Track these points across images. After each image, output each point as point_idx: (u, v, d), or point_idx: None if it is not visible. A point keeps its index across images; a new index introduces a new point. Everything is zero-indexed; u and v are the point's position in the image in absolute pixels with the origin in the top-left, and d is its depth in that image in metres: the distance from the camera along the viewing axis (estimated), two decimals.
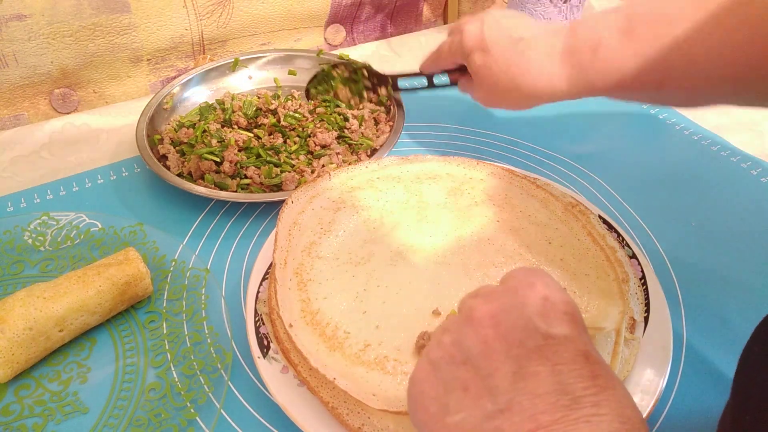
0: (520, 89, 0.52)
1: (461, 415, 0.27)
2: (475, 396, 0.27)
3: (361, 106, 0.74)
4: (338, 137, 0.69)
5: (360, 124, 0.70)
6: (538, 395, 0.25)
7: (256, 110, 0.70)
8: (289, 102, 0.71)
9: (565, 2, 0.84)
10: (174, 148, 0.68)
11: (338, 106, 0.73)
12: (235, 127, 0.69)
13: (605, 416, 0.25)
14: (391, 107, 0.73)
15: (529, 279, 0.30)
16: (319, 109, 0.72)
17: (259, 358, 0.46)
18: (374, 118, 0.73)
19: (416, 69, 0.70)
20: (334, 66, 0.73)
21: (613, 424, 0.25)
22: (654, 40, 0.45)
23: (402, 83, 0.72)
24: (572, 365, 0.26)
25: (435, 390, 0.28)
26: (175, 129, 0.70)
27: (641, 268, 0.52)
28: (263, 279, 0.51)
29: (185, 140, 0.68)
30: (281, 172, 0.64)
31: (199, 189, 0.60)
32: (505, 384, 0.26)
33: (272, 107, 0.71)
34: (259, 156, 0.66)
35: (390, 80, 0.72)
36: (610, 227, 0.56)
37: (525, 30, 0.52)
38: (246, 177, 0.63)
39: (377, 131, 0.71)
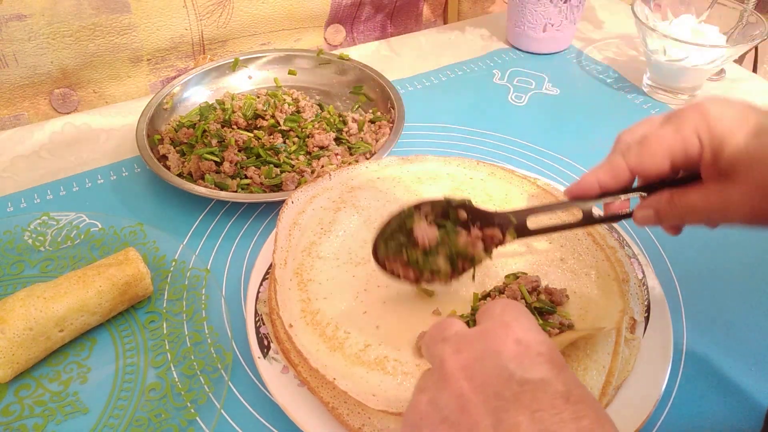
0: None
1: None
2: None
3: (457, 278, 0.46)
4: (336, 139, 0.69)
5: (360, 129, 0.70)
6: None
7: (254, 113, 0.70)
8: (286, 105, 0.71)
9: (565, 2, 0.84)
10: (174, 148, 0.68)
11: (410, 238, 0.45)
12: (235, 127, 0.69)
13: None
14: (391, 108, 0.73)
15: (504, 319, 0.29)
16: (320, 112, 0.72)
17: (259, 358, 0.46)
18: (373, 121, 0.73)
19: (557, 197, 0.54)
20: (418, 207, 0.46)
21: None
22: None
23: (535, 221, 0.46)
24: (552, 410, 0.25)
25: None
26: (175, 129, 0.70)
27: (641, 268, 0.52)
28: (263, 279, 0.51)
29: (185, 140, 0.68)
30: (281, 172, 0.64)
31: (199, 189, 0.60)
32: None
33: (269, 114, 0.70)
34: (259, 156, 0.66)
35: (513, 221, 0.45)
36: (611, 227, 0.56)
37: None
38: (246, 177, 0.63)
39: (377, 133, 0.71)
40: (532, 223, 0.45)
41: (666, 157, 0.37)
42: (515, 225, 0.44)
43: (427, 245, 0.43)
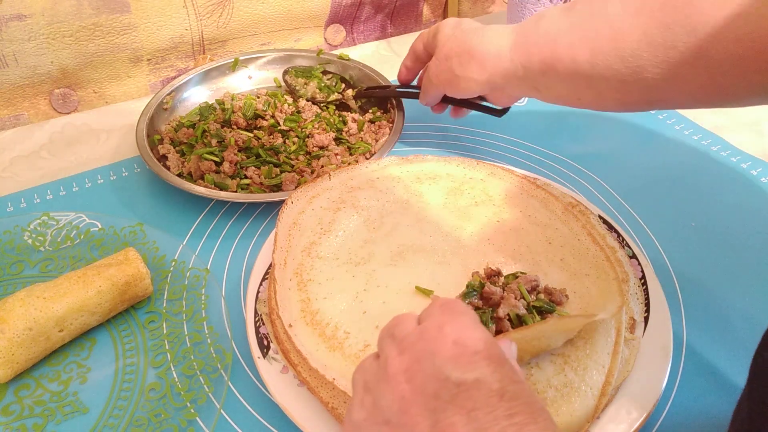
0: (471, 52, 0.56)
1: None
2: None
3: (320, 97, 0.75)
4: (336, 139, 0.69)
5: (360, 129, 0.70)
6: None
7: (254, 113, 0.70)
8: (286, 105, 0.71)
9: (564, 2, 0.84)
10: (174, 148, 0.68)
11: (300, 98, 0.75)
12: (235, 127, 0.69)
13: None
14: (391, 108, 0.73)
15: (440, 320, 0.30)
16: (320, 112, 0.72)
17: (259, 358, 0.46)
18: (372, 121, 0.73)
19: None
20: (325, 72, 0.79)
21: None
22: (590, 15, 0.50)
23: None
24: (487, 408, 0.26)
25: None
26: (175, 129, 0.70)
27: (641, 268, 0.52)
28: (263, 279, 0.51)
29: (185, 140, 0.68)
30: (281, 172, 0.64)
31: (199, 189, 0.60)
32: None
33: (269, 114, 0.70)
34: (258, 156, 0.66)
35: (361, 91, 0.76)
36: (610, 227, 0.56)
37: (481, 30, 0.59)
38: (246, 177, 0.63)
39: (377, 134, 0.71)
40: None
41: (423, 53, 0.66)
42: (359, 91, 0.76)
43: None
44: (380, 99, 0.76)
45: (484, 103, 0.66)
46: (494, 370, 0.28)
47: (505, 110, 0.66)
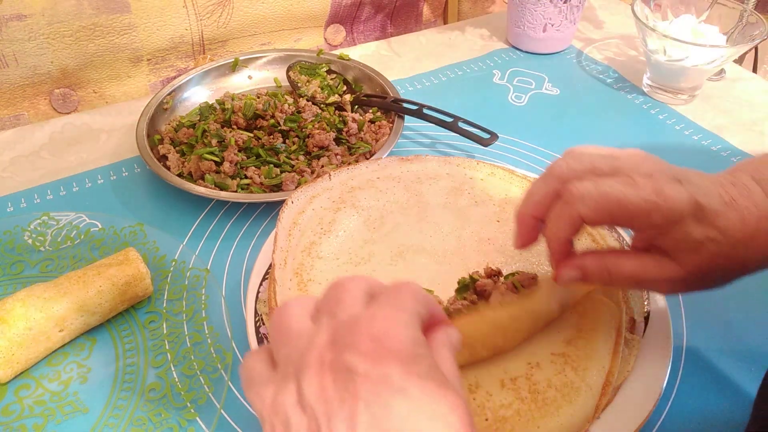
0: (745, 268, 0.39)
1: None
2: (305, 426, 0.29)
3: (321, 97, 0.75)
4: (336, 139, 0.69)
5: (360, 129, 0.70)
6: None
7: (254, 113, 0.70)
8: (286, 105, 0.71)
9: (565, 2, 0.84)
10: (174, 148, 0.68)
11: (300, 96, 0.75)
12: (235, 127, 0.69)
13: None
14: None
15: (375, 311, 0.30)
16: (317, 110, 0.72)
17: None
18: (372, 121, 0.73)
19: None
20: (330, 72, 0.79)
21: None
22: None
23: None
24: (382, 404, 0.28)
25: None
26: (175, 129, 0.70)
27: None
28: (263, 279, 0.51)
29: (185, 140, 0.68)
30: (281, 172, 0.64)
31: (199, 189, 0.60)
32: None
33: (269, 114, 0.70)
34: (259, 156, 0.66)
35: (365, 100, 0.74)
36: (611, 227, 0.56)
37: (712, 179, 0.39)
38: (246, 177, 0.63)
39: (377, 134, 0.71)
40: None
41: (611, 216, 0.37)
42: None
43: None
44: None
45: (473, 130, 0.68)
46: (403, 367, 0.28)
47: (492, 138, 0.68)
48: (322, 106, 0.75)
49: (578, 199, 0.37)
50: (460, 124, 0.69)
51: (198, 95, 0.77)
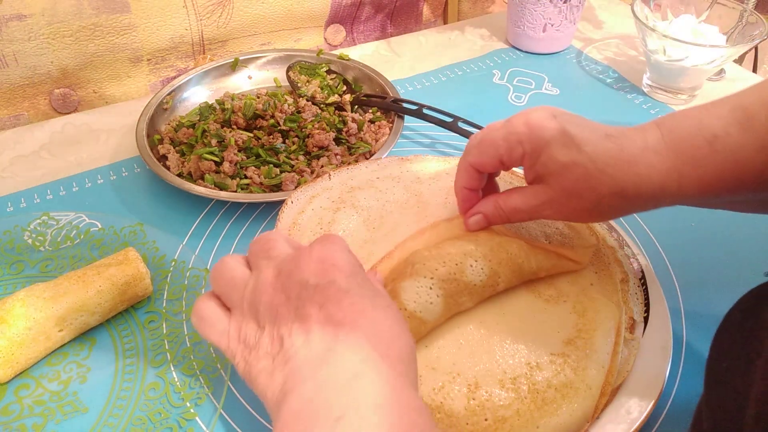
0: (623, 193, 0.40)
1: (264, 362, 0.34)
2: (273, 345, 0.34)
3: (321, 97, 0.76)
4: (336, 139, 0.69)
5: (360, 129, 0.71)
6: (308, 331, 0.33)
7: (254, 113, 0.70)
8: (286, 105, 0.71)
9: (565, 2, 0.84)
10: (174, 148, 0.68)
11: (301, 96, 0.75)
12: (235, 127, 0.69)
13: (359, 332, 0.33)
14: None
15: (313, 246, 0.36)
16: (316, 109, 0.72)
17: None
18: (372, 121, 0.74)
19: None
20: (329, 71, 0.80)
21: (366, 335, 0.32)
22: None
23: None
24: (335, 300, 0.34)
25: (246, 350, 0.36)
26: (175, 129, 0.70)
27: (641, 268, 0.52)
28: None
29: (185, 140, 0.68)
30: (281, 172, 0.64)
31: (199, 189, 0.60)
32: (289, 330, 0.34)
33: (269, 114, 0.70)
34: (258, 156, 0.66)
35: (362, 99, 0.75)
36: (610, 227, 0.56)
37: (603, 126, 0.42)
38: (246, 177, 0.63)
39: (377, 134, 0.71)
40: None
41: (496, 158, 0.43)
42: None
43: None
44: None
45: (473, 130, 0.68)
46: (346, 277, 0.35)
47: None
48: (321, 106, 0.75)
49: (466, 150, 0.45)
50: (460, 124, 0.69)
51: (198, 95, 0.77)
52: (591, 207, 0.41)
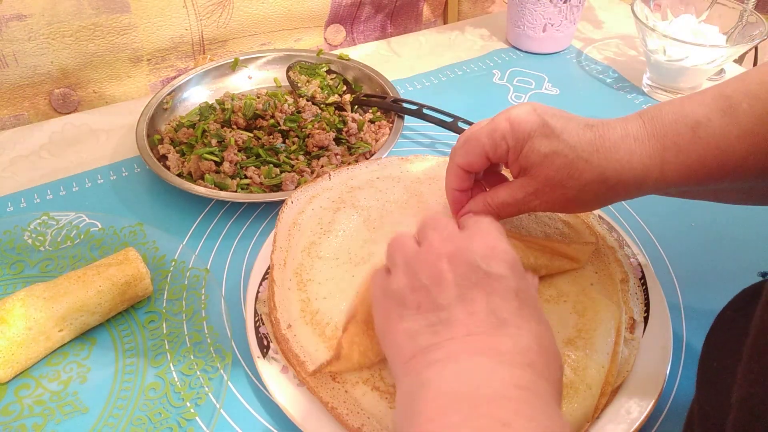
0: (605, 180, 0.41)
1: (411, 322, 0.35)
2: (425, 311, 0.35)
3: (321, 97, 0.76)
4: (336, 139, 0.69)
5: (360, 129, 0.71)
6: (472, 313, 0.34)
7: (254, 113, 0.70)
8: (286, 105, 0.71)
9: (565, 2, 0.84)
10: (174, 148, 0.68)
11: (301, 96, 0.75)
12: (235, 127, 0.69)
13: (524, 337, 0.33)
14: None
15: (481, 227, 0.38)
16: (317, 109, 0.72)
17: (258, 358, 0.46)
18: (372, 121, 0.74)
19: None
20: (329, 71, 0.80)
21: (530, 343, 0.32)
22: (759, 119, 0.39)
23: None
24: (503, 297, 0.34)
25: (394, 306, 0.36)
26: (175, 129, 0.70)
27: (641, 268, 0.52)
28: (263, 279, 0.51)
29: (185, 140, 0.68)
30: (281, 172, 0.64)
31: (199, 189, 0.60)
32: (449, 304, 0.34)
33: (269, 114, 0.70)
34: (258, 156, 0.66)
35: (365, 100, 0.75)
36: (610, 227, 0.56)
37: (584, 117, 0.43)
38: (246, 177, 0.63)
39: (377, 134, 0.71)
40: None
41: (482, 155, 0.44)
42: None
43: None
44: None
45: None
46: (514, 275, 0.35)
47: None
48: (321, 106, 0.75)
49: (453, 153, 0.46)
50: (460, 124, 0.69)
51: (198, 95, 0.77)
52: (575, 195, 0.42)
